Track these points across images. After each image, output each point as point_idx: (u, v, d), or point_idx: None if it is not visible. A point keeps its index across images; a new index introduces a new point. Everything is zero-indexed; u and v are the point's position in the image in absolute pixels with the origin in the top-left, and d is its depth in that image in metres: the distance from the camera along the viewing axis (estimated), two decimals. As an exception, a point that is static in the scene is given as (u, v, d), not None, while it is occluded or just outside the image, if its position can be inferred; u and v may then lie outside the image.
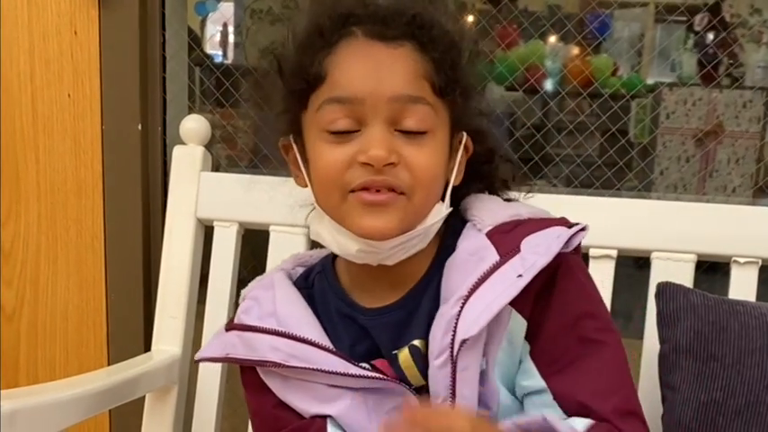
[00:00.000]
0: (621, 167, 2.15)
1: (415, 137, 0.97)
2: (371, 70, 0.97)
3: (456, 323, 0.96)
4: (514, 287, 0.95)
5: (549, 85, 3.55)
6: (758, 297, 1.41)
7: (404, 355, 1.03)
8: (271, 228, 1.57)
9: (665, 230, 1.44)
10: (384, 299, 1.05)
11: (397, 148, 0.96)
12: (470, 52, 1.05)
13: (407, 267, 1.04)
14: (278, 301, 1.08)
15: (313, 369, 1.02)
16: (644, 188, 2.29)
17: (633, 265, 2.02)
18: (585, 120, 2.25)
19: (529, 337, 1.00)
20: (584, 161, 2.12)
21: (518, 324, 1.00)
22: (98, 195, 1.80)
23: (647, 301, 1.41)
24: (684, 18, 3.65)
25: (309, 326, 1.06)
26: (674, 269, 1.43)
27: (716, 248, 1.43)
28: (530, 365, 1.00)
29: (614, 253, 1.45)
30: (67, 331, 1.87)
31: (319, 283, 1.12)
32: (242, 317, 1.10)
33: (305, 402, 1.05)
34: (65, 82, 1.77)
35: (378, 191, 0.95)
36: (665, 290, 1.33)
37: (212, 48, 4.23)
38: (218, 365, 1.54)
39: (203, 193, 1.60)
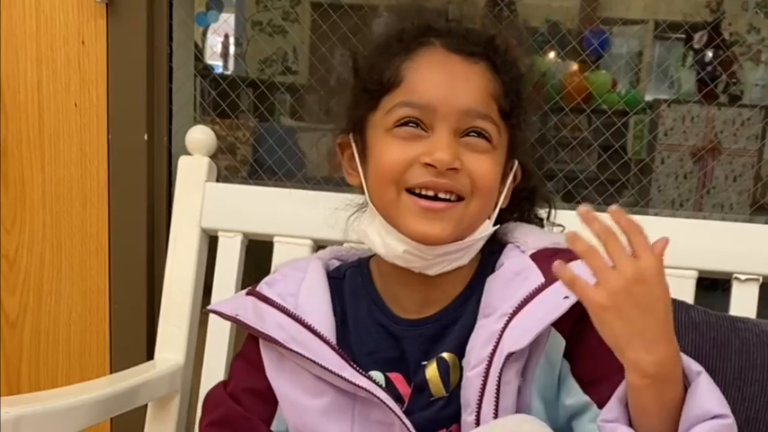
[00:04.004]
0: (619, 184, 2.16)
1: (478, 147, 1.00)
2: (447, 80, 1.00)
3: (500, 337, 0.97)
4: (560, 308, 0.96)
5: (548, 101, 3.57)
6: (759, 314, 1.42)
7: (432, 368, 1.04)
8: (275, 238, 1.58)
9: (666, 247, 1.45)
10: (416, 311, 1.07)
11: (461, 155, 0.99)
12: (534, 85, 1.09)
13: (443, 285, 1.06)
14: (304, 286, 1.10)
15: (308, 358, 1.03)
16: (642, 205, 2.30)
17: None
18: (584, 136, 2.26)
19: (568, 355, 1.01)
20: (583, 177, 2.13)
21: (556, 343, 1.01)
22: (103, 205, 1.81)
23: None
24: (684, 36, 3.68)
25: (323, 319, 1.07)
26: (675, 285, 1.42)
27: (717, 265, 1.44)
28: (572, 384, 1.01)
29: (615, 269, 1.46)
30: (70, 339, 1.87)
31: (352, 277, 1.13)
32: (263, 286, 1.12)
33: (290, 387, 1.07)
34: (72, 91, 1.78)
35: (435, 197, 0.99)
36: (667, 306, 1.34)
37: (213, 59, 4.24)
38: (221, 374, 1.55)
39: (208, 204, 1.61)
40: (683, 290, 1.43)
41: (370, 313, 1.09)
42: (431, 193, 0.99)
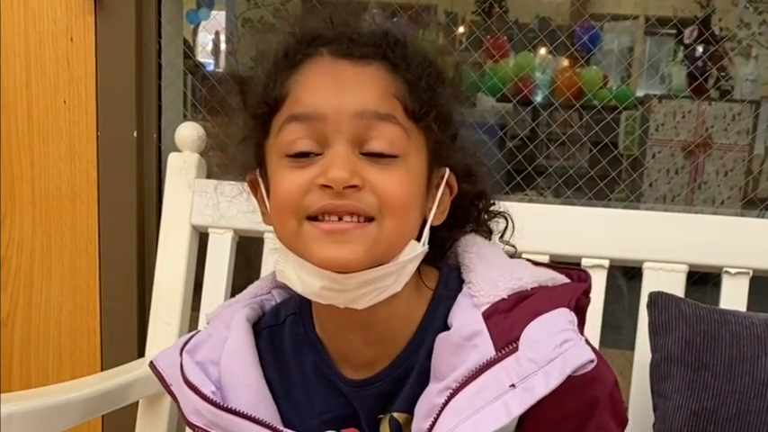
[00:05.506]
0: (610, 179, 2.17)
1: (382, 160, 0.87)
2: (335, 86, 0.88)
3: (438, 414, 0.88)
4: (504, 411, 0.85)
5: (539, 96, 3.57)
6: (749, 308, 1.42)
7: (384, 426, 0.98)
8: (266, 235, 1.57)
9: (657, 241, 1.46)
10: (365, 368, 0.98)
11: (362, 170, 0.86)
12: (452, 77, 0.97)
13: (387, 324, 0.95)
14: (225, 350, 1.01)
15: None
16: (634, 200, 2.30)
17: (623, 276, 2.03)
18: (575, 131, 2.26)
19: (520, 418, 0.90)
20: (575, 172, 2.13)
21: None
22: (93, 201, 1.80)
23: (639, 310, 1.42)
24: (674, 31, 3.68)
25: (246, 389, 0.99)
26: (665, 279, 1.44)
27: (708, 259, 1.45)
28: None
29: (606, 263, 1.46)
30: (61, 337, 1.87)
31: (293, 326, 1.03)
32: (191, 351, 1.02)
33: None
34: (60, 88, 1.78)
35: (339, 218, 0.86)
36: (657, 300, 1.34)
37: (204, 56, 4.22)
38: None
39: (198, 200, 1.60)
40: (674, 284, 1.43)
41: (317, 368, 1.00)
42: (334, 218, 0.86)
